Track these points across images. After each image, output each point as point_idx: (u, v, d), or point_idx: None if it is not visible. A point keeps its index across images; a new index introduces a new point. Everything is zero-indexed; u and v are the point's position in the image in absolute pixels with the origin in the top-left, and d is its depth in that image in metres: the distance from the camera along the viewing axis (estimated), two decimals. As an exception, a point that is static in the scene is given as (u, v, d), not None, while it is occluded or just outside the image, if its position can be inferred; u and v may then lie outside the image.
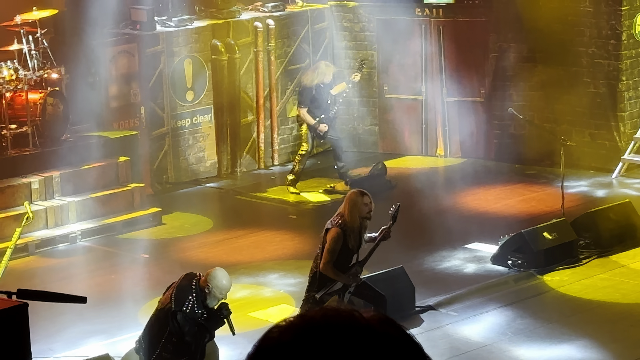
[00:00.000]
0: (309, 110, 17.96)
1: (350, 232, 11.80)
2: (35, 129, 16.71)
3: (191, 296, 10.59)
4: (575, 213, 16.01)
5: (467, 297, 14.12)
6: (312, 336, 1.98)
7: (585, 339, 12.90)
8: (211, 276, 10.65)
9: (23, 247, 15.55)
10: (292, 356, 1.98)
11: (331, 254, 11.72)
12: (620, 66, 18.80)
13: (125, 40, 18.38)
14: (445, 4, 19.81)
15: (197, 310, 10.56)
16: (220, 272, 10.74)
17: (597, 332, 13.10)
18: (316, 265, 11.92)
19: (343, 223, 11.78)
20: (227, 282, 10.71)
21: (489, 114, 19.84)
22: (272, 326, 2.05)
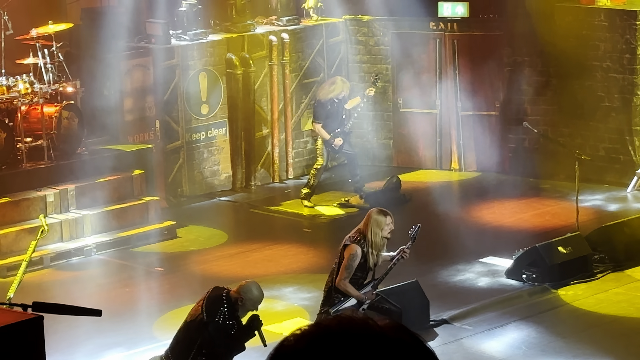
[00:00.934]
0: (324, 125, 17.96)
1: (369, 250, 11.80)
2: (51, 142, 16.75)
3: (222, 307, 10.55)
4: (589, 227, 15.99)
5: (481, 311, 14.12)
6: (327, 343, 1.99)
7: (600, 354, 12.89)
8: (244, 289, 10.63)
9: (38, 260, 15.58)
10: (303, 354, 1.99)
11: (348, 271, 11.72)
12: (635, 80, 18.79)
13: (140, 53, 18.42)
14: (460, 18, 19.82)
15: (228, 322, 10.54)
16: (253, 285, 10.76)
17: (612, 346, 13.09)
18: (332, 280, 11.92)
19: (362, 240, 11.78)
20: (260, 295, 10.72)
21: (503, 127, 19.83)
22: (288, 334, 2.06)
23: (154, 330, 13.61)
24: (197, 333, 10.53)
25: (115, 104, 18.06)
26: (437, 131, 20.24)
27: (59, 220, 16.41)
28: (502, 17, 19.63)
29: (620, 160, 19.00)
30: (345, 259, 11.73)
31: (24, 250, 14.27)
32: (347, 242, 11.87)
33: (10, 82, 16.48)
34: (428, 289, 13.92)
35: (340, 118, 18.05)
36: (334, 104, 17.96)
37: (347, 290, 11.85)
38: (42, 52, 16.67)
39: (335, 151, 18.23)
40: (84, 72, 17.71)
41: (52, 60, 16.78)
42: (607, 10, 18.93)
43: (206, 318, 10.48)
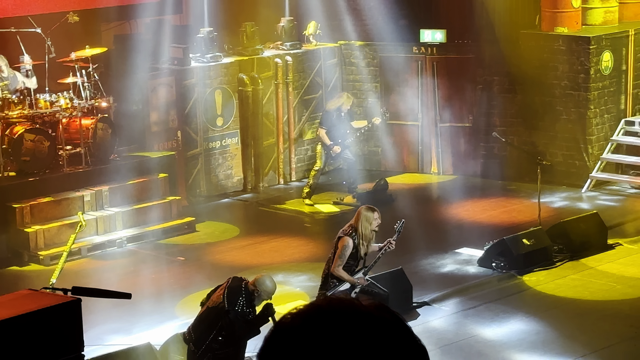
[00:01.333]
0: (327, 132, 18.02)
1: (360, 241, 11.82)
2: (88, 149, 16.76)
3: (241, 297, 10.51)
4: (550, 222, 15.99)
5: (457, 295, 14.11)
6: (319, 321, 2.00)
7: (558, 331, 12.88)
8: (260, 281, 10.58)
9: (77, 251, 15.59)
10: (302, 337, 2.01)
11: (341, 259, 11.75)
12: (588, 96, 18.80)
13: (164, 73, 18.42)
14: (439, 43, 19.82)
15: (246, 309, 10.52)
16: (268, 278, 10.68)
17: (569, 324, 13.09)
18: (328, 268, 11.94)
19: (354, 233, 11.80)
20: (273, 287, 10.66)
21: (476, 137, 19.84)
22: (286, 313, 2.08)
23: (176, 311, 13.61)
24: (217, 318, 10.50)
25: (142, 117, 18.08)
26: (419, 140, 20.24)
27: (94, 217, 16.41)
28: (474, 43, 19.64)
29: (576, 165, 19.00)
30: (339, 249, 11.75)
31: (65, 242, 14.27)
32: (340, 234, 11.89)
33: (53, 98, 16.49)
34: (411, 276, 13.93)
35: (343, 129, 18.06)
36: (339, 116, 18.00)
37: (341, 276, 11.87)
38: (80, 73, 16.68)
39: (332, 157, 18.24)
40: (116, 90, 17.71)
41: (88, 80, 16.79)
42: (564, 36, 18.94)
43: (227, 306, 10.44)
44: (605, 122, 19.08)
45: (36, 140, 16.28)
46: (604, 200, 18.21)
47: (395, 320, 2.04)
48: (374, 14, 20.20)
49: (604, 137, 19.05)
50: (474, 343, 12.63)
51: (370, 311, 2.02)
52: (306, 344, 1.98)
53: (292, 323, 2.03)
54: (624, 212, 17.50)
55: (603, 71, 18.91)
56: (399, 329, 2.03)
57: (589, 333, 12.79)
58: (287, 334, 2.02)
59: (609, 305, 13.72)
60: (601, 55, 18.85)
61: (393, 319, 2.04)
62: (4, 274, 15.41)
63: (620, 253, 15.61)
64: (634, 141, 18.99)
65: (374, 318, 2.01)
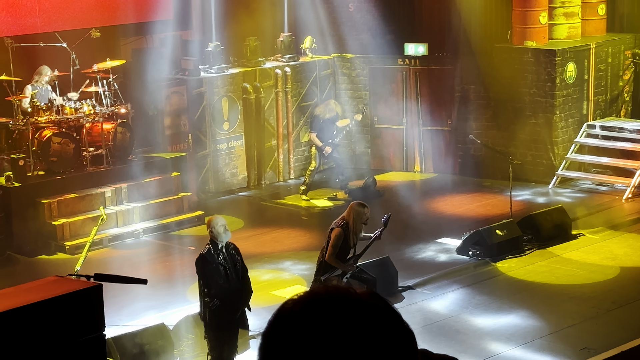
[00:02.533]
0: (317, 135, 18.01)
1: (350, 233, 11.80)
2: (108, 151, 16.74)
3: (207, 244, 10.53)
4: (520, 215, 15.99)
5: (437, 280, 14.11)
6: (317, 307, 2.02)
7: (528, 311, 12.88)
8: (211, 222, 10.58)
9: (99, 242, 15.57)
10: (301, 322, 2.02)
11: (334, 248, 11.73)
12: (554, 103, 18.79)
13: (177, 83, 18.40)
14: (421, 56, 19.81)
15: (212, 252, 10.42)
16: (212, 217, 10.76)
17: (537, 306, 13.09)
18: (322, 256, 11.91)
19: (345, 225, 11.78)
20: (219, 219, 10.63)
21: (454, 139, 19.83)
22: (287, 299, 2.09)
23: (187, 295, 13.60)
24: (196, 270, 10.51)
25: (157, 122, 18.05)
26: (404, 142, 20.23)
27: (114, 211, 16.39)
28: (453, 55, 19.63)
29: (543, 164, 19.00)
30: (332, 239, 11.73)
31: (88, 234, 14.27)
32: (333, 226, 11.88)
33: (78, 105, 16.47)
34: (397, 263, 13.92)
35: (331, 132, 18.07)
36: (326, 120, 17.98)
37: (334, 263, 11.84)
38: (101, 82, 16.67)
39: (325, 157, 18.24)
40: (134, 97, 17.69)
41: (109, 89, 16.77)
42: (533, 49, 18.93)
43: (197, 257, 10.54)
44: (570, 126, 19.08)
45: (62, 142, 16.26)
46: (568, 195, 18.20)
47: (385, 306, 2.06)
48: (363, 30, 20.20)
49: (568, 139, 19.05)
50: (453, 323, 12.63)
51: (363, 298, 2.05)
52: (306, 328, 2.01)
53: (292, 308, 2.05)
54: (586, 206, 17.50)
55: (567, 80, 18.91)
56: (389, 315, 2.05)
57: (555, 313, 12.79)
58: (287, 319, 2.04)
59: (573, 288, 13.72)
60: (566, 66, 18.84)
61: (383, 305, 2.06)
62: (34, 262, 15.39)
63: (582, 242, 15.61)
64: (595, 143, 18.99)
65: (366, 304, 2.03)
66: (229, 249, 10.56)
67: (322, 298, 2.04)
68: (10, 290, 8.73)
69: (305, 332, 1.98)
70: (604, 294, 13.44)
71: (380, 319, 2.01)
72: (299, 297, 2.06)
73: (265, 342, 2.05)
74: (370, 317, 2.00)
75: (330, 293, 2.05)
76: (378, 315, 2.01)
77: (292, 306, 2.04)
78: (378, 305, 2.03)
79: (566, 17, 19.48)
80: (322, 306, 2.02)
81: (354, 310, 2.00)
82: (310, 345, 1.97)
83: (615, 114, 19.81)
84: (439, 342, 11.97)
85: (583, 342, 11.87)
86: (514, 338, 12.06)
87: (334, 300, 2.03)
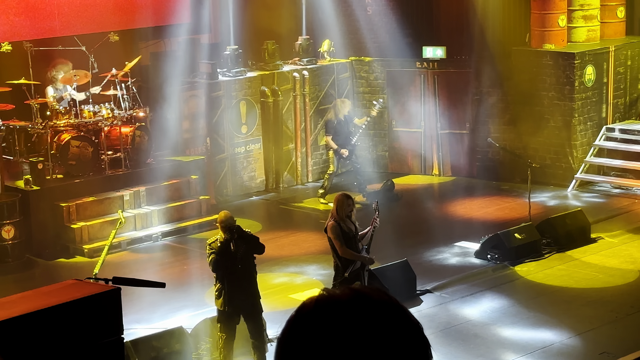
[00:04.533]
0: (333, 138, 17.98)
1: (340, 221, 11.79)
2: (127, 154, 16.79)
3: (218, 236, 10.92)
4: (539, 219, 15.96)
5: (456, 283, 14.09)
6: (331, 305, 2.11)
7: (546, 315, 12.86)
8: (220, 216, 11.01)
9: (117, 245, 15.62)
10: (315, 323, 2.11)
11: (339, 240, 11.65)
12: (573, 106, 18.75)
13: (195, 86, 18.45)
14: (439, 59, 19.80)
15: (218, 243, 10.82)
16: (222, 212, 11.12)
17: (556, 309, 13.06)
18: (335, 258, 11.82)
19: (334, 217, 11.80)
20: (227, 216, 10.95)
21: (472, 142, 19.81)
22: (305, 299, 2.18)
23: (205, 298, 13.62)
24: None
25: (175, 125, 18.09)
26: (422, 145, 20.22)
27: (133, 214, 16.44)
28: (471, 58, 19.61)
29: (562, 167, 18.96)
30: (332, 236, 11.70)
31: (107, 237, 14.31)
32: (326, 224, 11.87)
33: (96, 109, 16.54)
34: (415, 266, 13.91)
35: (346, 133, 18.03)
36: (340, 122, 17.95)
37: (350, 255, 11.74)
38: (120, 86, 16.72)
39: (343, 159, 18.21)
40: (152, 101, 17.75)
41: (128, 92, 16.83)
42: (551, 52, 18.90)
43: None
44: (589, 129, 19.03)
45: (81, 146, 16.32)
46: (587, 199, 18.16)
47: (391, 301, 2.14)
48: (381, 33, 20.19)
49: (587, 142, 19.00)
50: (471, 327, 12.61)
51: (371, 295, 2.12)
52: (319, 328, 2.08)
53: (308, 306, 2.13)
54: (605, 209, 17.45)
55: (586, 83, 18.87)
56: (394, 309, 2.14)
57: (574, 317, 12.76)
58: (304, 317, 2.12)
59: (592, 292, 13.69)
60: (584, 69, 18.80)
61: (390, 300, 2.14)
62: (54, 264, 15.46)
63: (602, 246, 15.56)
64: (614, 146, 18.94)
65: (373, 301, 2.10)
66: (233, 239, 10.75)
67: (335, 297, 2.10)
68: (29, 293, 8.78)
69: (319, 332, 2.04)
70: (623, 298, 13.41)
71: (387, 313, 2.08)
72: (314, 298, 2.13)
73: (282, 343, 2.10)
74: (378, 312, 2.06)
75: (344, 293, 2.12)
76: (385, 310, 2.08)
77: (308, 305, 2.11)
78: (385, 300, 2.11)
79: (585, 20, 19.44)
80: (335, 305, 2.08)
81: (363, 306, 2.07)
82: (325, 345, 2.03)
83: (634, 117, 19.75)
84: (457, 346, 11.96)
85: (602, 347, 11.84)
86: (532, 342, 12.03)
87: (344, 298, 2.09)
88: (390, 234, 12.18)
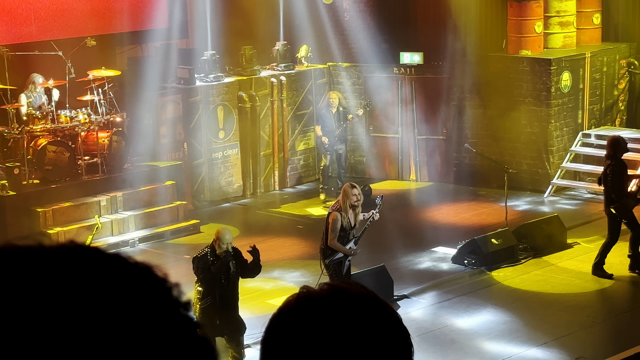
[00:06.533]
0: (322, 127, 18.39)
1: (344, 214, 11.90)
2: (104, 159, 16.73)
3: (207, 247, 10.85)
4: (515, 224, 16.00)
5: (433, 288, 14.11)
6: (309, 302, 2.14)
7: (523, 320, 12.89)
8: (219, 232, 10.90)
9: (94, 250, 15.53)
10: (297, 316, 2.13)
11: (333, 232, 11.90)
12: (550, 112, 18.82)
13: (172, 92, 18.41)
14: (416, 65, 19.84)
15: (209, 257, 10.73)
16: (222, 229, 10.98)
17: (532, 315, 13.09)
18: (322, 242, 12.08)
19: (339, 208, 11.92)
20: (226, 234, 10.86)
21: (449, 148, 19.84)
22: (287, 298, 2.21)
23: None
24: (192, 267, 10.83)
25: (153, 130, 18.05)
26: (399, 151, 20.25)
27: (110, 219, 16.38)
28: (449, 64, 19.65)
29: (539, 173, 19.02)
30: (329, 224, 11.90)
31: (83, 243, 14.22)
32: (330, 210, 12.08)
33: (73, 114, 16.48)
34: (392, 271, 13.92)
35: (330, 124, 18.34)
36: (329, 111, 18.34)
37: (337, 247, 11.98)
38: (97, 91, 16.67)
39: (326, 147, 18.42)
40: (129, 106, 17.70)
41: (104, 97, 16.77)
42: (528, 58, 18.96)
43: (193, 257, 10.92)
44: (565, 135, 19.10)
45: (58, 151, 16.25)
46: (563, 204, 18.22)
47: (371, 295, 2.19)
48: (358, 39, 20.21)
49: (563, 148, 19.07)
50: (448, 332, 12.63)
51: (349, 289, 2.15)
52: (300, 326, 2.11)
53: (289, 304, 2.16)
54: (581, 214, 17.52)
55: (562, 89, 18.94)
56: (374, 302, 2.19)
57: (550, 323, 12.79)
58: (285, 314, 2.14)
59: (568, 297, 13.73)
60: (561, 75, 18.88)
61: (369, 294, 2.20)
62: (29, 270, 15.35)
63: (578, 251, 15.61)
64: (590, 152, 19.01)
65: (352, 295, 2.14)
66: (227, 256, 10.73)
67: (315, 294, 2.14)
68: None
69: (302, 328, 2.07)
70: (599, 303, 13.46)
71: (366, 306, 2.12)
72: (292, 297, 2.17)
73: (266, 343, 2.13)
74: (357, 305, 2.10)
75: (323, 290, 2.16)
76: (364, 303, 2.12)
77: (288, 303, 2.14)
78: (364, 294, 2.16)
79: (561, 27, 19.52)
80: (315, 301, 2.11)
81: (343, 300, 2.10)
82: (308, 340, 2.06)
83: (610, 123, 19.84)
84: (434, 352, 11.97)
85: (578, 352, 11.87)
86: (509, 347, 12.05)
87: (325, 295, 2.13)
88: (368, 239, 12.18)
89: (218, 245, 10.75)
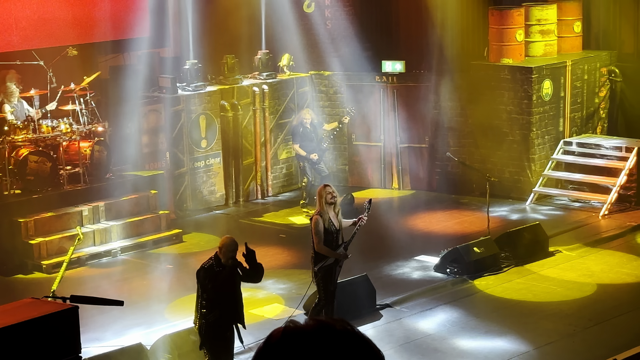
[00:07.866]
0: (301, 145, 18.20)
1: (324, 214, 11.88)
2: (85, 169, 16.70)
3: (211, 258, 10.72)
4: (497, 232, 16.03)
5: (415, 297, 14.12)
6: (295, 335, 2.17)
7: (505, 329, 12.91)
8: (223, 241, 10.82)
9: (76, 261, 15.51)
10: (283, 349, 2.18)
11: (318, 236, 11.82)
12: (531, 120, 18.87)
13: (154, 101, 18.39)
14: (398, 73, 19.87)
15: (215, 267, 10.60)
16: (227, 238, 10.89)
17: (515, 323, 13.11)
18: (312, 249, 12.04)
19: (318, 210, 11.93)
20: (232, 243, 10.77)
21: (431, 156, 19.87)
22: (273, 330, 2.25)
23: (165, 314, 13.55)
24: (197, 280, 10.65)
25: (135, 140, 18.02)
26: (382, 159, 20.26)
27: (92, 229, 16.33)
28: (430, 72, 19.69)
29: (521, 180, 19.07)
30: (312, 229, 11.86)
31: (65, 253, 14.20)
32: (310, 218, 12.04)
33: (54, 123, 16.44)
34: (374, 280, 13.92)
35: (315, 139, 18.22)
36: (305, 128, 18.14)
37: (325, 252, 11.89)
38: (79, 101, 16.64)
39: (313, 164, 18.33)
40: (111, 115, 17.67)
41: (86, 107, 16.74)
42: (509, 66, 19.02)
43: (199, 268, 10.71)
44: (546, 143, 19.16)
45: (39, 161, 16.21)
46: (545, 212, 18.27)
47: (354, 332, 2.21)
48: (340, 47, 20.24)
49: (545, 156, 19.12)
50: (431, 341, 12.64)
51: (333, 325, 2.18)
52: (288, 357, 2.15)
53: (275, 337, 2.21)
54: (563, 222, 17.57)
55: (544, 97, 19.00)
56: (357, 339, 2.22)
57: (533, 331, 12.82)
58: (272, 347, 2.19)
59: (550, 306, 13.76)
60: (542, 83, 18.94)
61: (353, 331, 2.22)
62: (11, 281, 15.32)
63: (560, 259, 15.66)
64: (572, 159, 19.08)
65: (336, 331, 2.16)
66: (233, 265, 10.69)
67: (300, 328, 2.17)
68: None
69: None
70: (581, 311, 13.49)
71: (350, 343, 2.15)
72: (279, 330, 2.22)
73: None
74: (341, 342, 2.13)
75: (308, 325, 2.19)
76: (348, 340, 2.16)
77: (274, 338, 2.19)
78: (349, 330, 2.19)
79: (542, 35, 19.59)
80: (300, 335, 2.14)
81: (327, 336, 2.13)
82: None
83: (591, 131, 19.91)
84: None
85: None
86: (491, 356, 12.07)
87: (310, 329, 2.16)
88: (350, 248, 12.17)
89: (223, 254, 10.67)
